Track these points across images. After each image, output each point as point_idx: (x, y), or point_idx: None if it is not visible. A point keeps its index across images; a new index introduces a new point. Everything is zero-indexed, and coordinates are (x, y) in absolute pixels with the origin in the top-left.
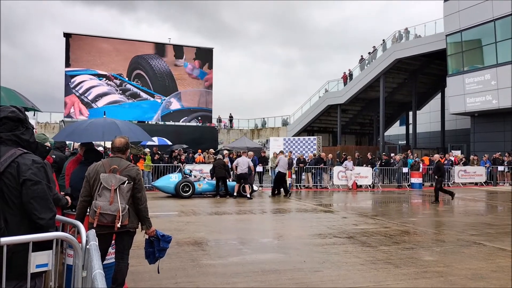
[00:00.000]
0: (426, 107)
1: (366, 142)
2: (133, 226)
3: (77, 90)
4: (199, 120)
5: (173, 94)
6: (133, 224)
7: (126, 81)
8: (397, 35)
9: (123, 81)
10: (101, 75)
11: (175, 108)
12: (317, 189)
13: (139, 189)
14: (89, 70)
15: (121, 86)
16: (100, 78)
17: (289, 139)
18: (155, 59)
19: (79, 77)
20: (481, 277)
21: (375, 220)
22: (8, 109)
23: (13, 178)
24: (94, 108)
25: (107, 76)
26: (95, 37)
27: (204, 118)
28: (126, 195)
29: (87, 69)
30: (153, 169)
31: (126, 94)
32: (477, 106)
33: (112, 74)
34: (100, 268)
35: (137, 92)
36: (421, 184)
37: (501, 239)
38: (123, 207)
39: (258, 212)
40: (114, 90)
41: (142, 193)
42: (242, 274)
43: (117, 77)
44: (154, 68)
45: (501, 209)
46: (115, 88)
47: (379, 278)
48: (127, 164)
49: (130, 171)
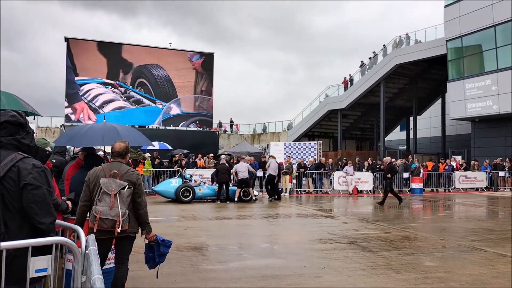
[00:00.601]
0: (427, 112)
1: (367, 147)
2: (133, 231)
3: (85, 97)
4: (197, 124)
5: (173, 100)
6: (133, 229)
7: (130, 88)
8: (398, 40)
9: (127, 89)
10: (107, 84)
11: (175, 113)
12: (318, 194)
13: (139, 194)
14: (96, 79)
15: (125, 93)
16: (107, 86)
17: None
18: (156, 68)
19: (87, 85)
20: (482, 283)
21: (375, 225)
22: (9, 113)
23: (14, 183)
24: (101, 114)
25: (112, 84)
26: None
27: (203, 122)
28: (126, 200)
29: (95, 78)
30: (154, 174)
31: (130, 101)
32: (477, 111)
33: (117, 82)
34: (99, 273)
35: (140, 99)
36: (422, 189)
37: (502, 245)
38: (123, 212)
39: (259, 217)
40: (119, 97)
41: (142, 198)
42: (243, 279)
43: (122, 85)
44: (156, 76)
45: (502, 215)
46: (120, 95)
47: (379, 284)
48: (127, 169)
49: (130, 176)
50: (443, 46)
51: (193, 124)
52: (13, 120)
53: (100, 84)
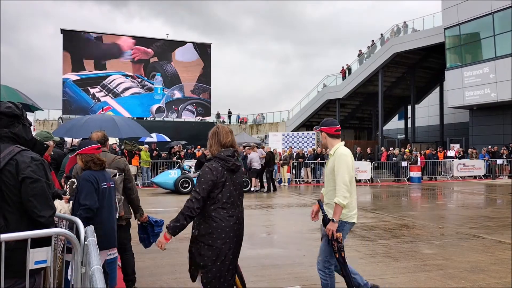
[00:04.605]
0: (425, 101)
1: (365, 136)
2: (127, 216)
3: (111, 85)
4: (194, 106)
5: (176, 86)
6: (127, 214)
7: (144, 79)
8: (395, 29)
9: (142, 79)
10: (128, 75)
11: (177, 97)
12: (316, 183)
13: (129, 179)
14: (121, 72)
15: (141, 82)
16: (127, 77)
17: (288, 134)
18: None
19: (111, 76)
20: (480, 269)
21: (374, 214)
22: (4, 104)
23: (12, 176)
24: (121, 97)
25: (131, 75)
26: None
27: (199, 105)
28: (119, 186)
29: (119, 71)
30: (152, 165)
31: (144, 88)
32: (475, 99)
33: (136, 75)
34: (98, 264)
35: (152, 87)
36: (420, 178)
37: (500, 232)
38: (119, 198)
39: (258, 207)
40: (136, 85)
41: (133, 183)
42: (242, 269)
43: (139, 76)
44: (166, 71)
45: (500, 202)
46: (136, 84)
47: (378, 272)
48: (114, 157)
49: (118, 163)
50: (441, 34)
51: (190, 105)
52: (8, 111)
53: (121, 76)
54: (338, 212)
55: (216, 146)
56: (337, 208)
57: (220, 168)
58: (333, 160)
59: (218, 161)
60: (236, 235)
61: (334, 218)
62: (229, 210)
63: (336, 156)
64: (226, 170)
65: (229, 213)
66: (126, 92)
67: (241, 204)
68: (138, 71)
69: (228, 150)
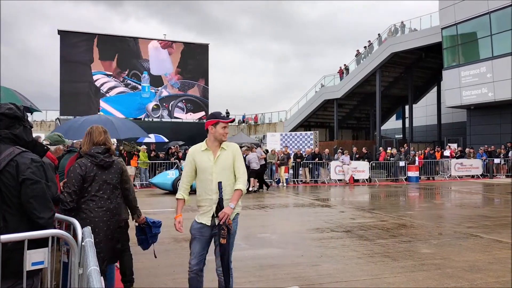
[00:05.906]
0: (422, 100)
1: (363, 136)
2: (125, 218)
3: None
4: (184, 103)
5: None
6: (125, 216)
7: (127, 78)
8: (393, 29)
9: (125, 79)
10: (109, 74)
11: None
12: (315, 183)
13: (126, 180)
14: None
15: (123, 81)
16: (110, 76)
17: (286, 134)
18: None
19: (94, 76)
20: (478, 269)
21: (372, 214)
22: (6, 105)
23: (12, 177)
24: (107, 97)
25: (113, 75)
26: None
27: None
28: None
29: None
30: (150, 166)
31: (128, 87)
32: (473, 99)
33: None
34: (95, 264)
35: (136, 86)
36: (418, 177)
37: (498, 231)
38: None
39: (256, 207)
40: (120, 84)
41: (130, 184)
42: (241, 269)
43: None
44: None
45: (497, 202)
46: (119, 83)
47: (376, 271)
48: None
49: None
50: (438, 34)
51: (180, 102)
52: (10, 112)
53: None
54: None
55: (88, 144)
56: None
57: (89, 164)
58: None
59: (88, 158)
60: (107, 225)
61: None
62: (98, 202)
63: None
64: (95, 165)
65: (98, 205)
66: (112, 92)
67: (115, 198)
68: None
69: (98, 148)
